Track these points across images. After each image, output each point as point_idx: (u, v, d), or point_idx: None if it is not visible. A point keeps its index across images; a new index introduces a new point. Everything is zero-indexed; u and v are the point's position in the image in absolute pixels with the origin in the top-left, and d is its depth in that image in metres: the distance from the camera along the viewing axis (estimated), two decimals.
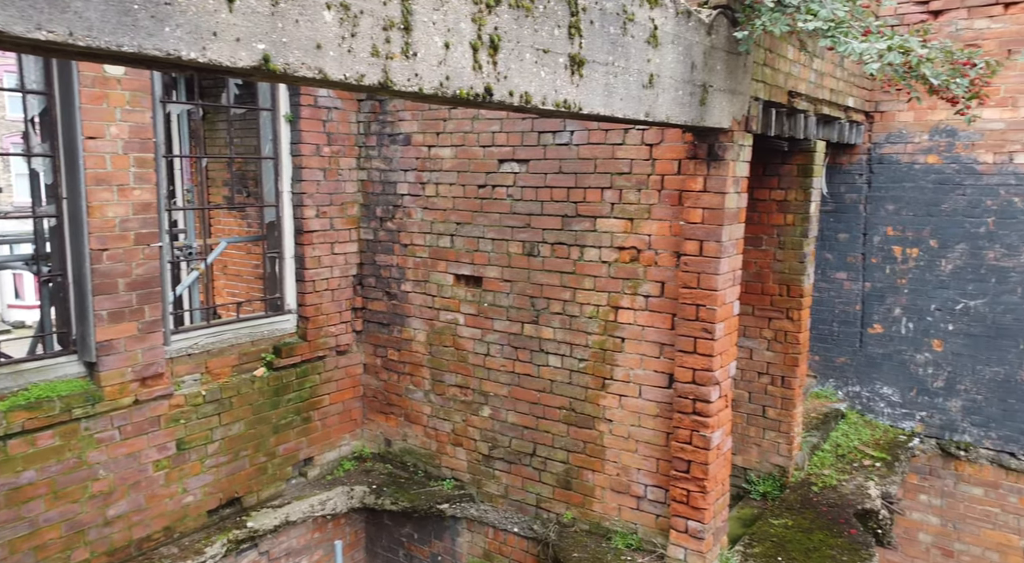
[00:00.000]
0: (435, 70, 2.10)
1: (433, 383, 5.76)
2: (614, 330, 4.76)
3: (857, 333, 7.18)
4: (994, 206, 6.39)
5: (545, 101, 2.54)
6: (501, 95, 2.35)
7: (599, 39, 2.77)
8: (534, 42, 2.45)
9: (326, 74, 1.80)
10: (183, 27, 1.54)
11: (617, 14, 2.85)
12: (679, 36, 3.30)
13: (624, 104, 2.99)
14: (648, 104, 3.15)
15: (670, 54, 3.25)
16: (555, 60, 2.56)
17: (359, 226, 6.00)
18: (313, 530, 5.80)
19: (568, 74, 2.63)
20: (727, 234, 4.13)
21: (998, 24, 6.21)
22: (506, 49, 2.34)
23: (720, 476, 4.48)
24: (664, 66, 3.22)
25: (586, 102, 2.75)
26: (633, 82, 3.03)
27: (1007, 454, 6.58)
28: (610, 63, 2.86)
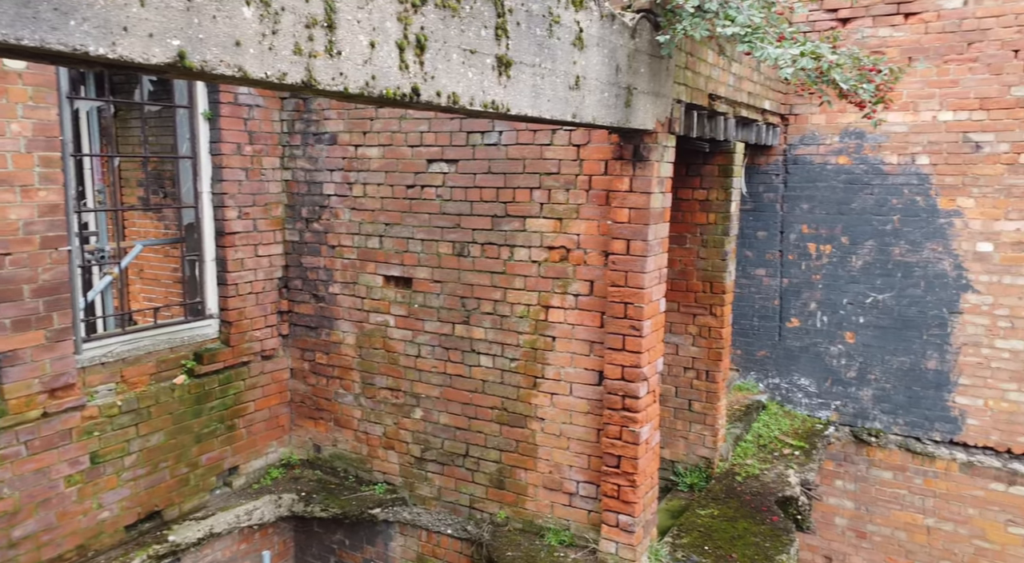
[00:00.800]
0: (360, 69, 2.07)
1: (363, 386, 5.67)
2: (545, 329, 4.80)
3: (776, 327, 7.47)
4: (899, 204, 6.76)
5: (473, 102, 2.54)
6: (429, 95, 2.33)
7: (526, 41, 2.78)
8: (461, 43, 2.44)
9: (246, 72, 1.75)
10: (90, 21, 1.46)
11: (543, 16, 2.87)
12: (604, 39, 3.36)
13: (552, 105, 3.02)
14: (575, 105, 3.19)
15: (595, 56, 3.29)
16: (482, 61, 2.56)
17: (284, 227, 5.84)
18: (239, 541, 5.62)
19: (496, 75, 2.64)
20: (653, 233, 4.22)
21: (900, 33, 6.57)
22: (433, 49, 2.32)
23: (649, 470, 4.58)
24: (590, 68, 3.27)
25: (514, 103, 2.76)
26: (560, 84, 3.06)
27: (913, 439, 6.98)
28: (537, 65, 2.88)
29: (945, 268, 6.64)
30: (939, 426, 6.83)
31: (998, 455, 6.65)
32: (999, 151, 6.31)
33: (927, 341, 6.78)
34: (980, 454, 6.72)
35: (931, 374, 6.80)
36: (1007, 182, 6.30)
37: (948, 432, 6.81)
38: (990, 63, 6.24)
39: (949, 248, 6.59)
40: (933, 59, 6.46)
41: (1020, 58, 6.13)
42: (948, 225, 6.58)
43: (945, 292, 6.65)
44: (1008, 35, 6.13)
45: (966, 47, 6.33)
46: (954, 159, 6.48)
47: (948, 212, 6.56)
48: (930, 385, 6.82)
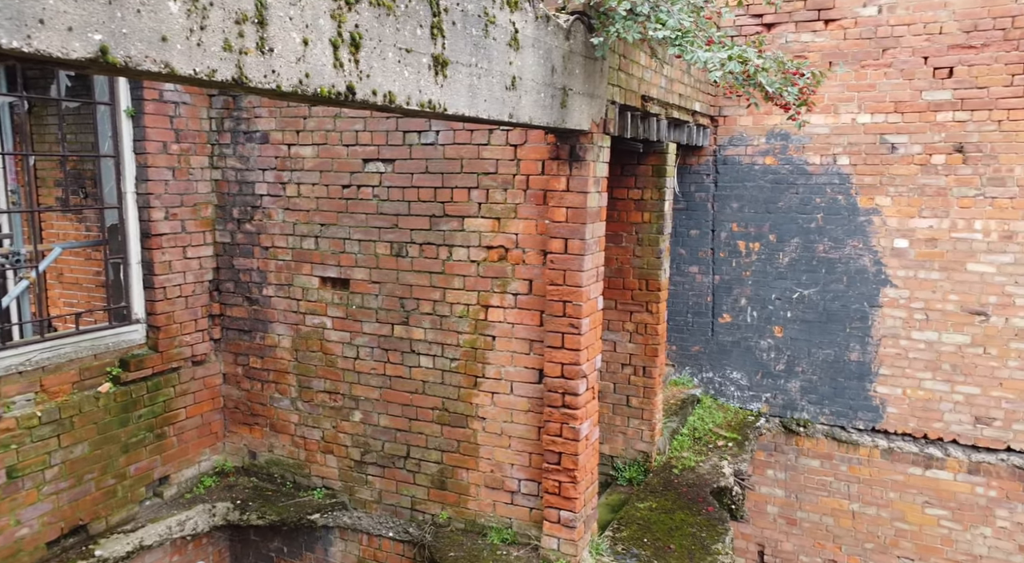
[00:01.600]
0: (294, 67, 2.03)
1: (300, 390, 5.56)
2: (484, 329, 4.81)
3: (709, 323, 7.68)
4: (822, 203, 7.04)
5: (410, 101, 2.52)
6: (364, 94, 2.31)
7: (462, 40, 2.79)
8: (396, 41, 2.42)
9: (173, 69, 1.69)
10: (3, 12, 1.40)
11: (479, 16, 2.88)
12: (539, 40, 3.39)
13: (488, 105, 3.03)
14: (512, 106, 3.21)
15: (531, 57, 3.32)
16: (419, 60, 2.55)
17: (214, 228, 5.68)
18: (172, 553, 5.43)
19: (432, 74, 2.63)
20: (590, 232, 4.28)
21: (821, 38, 6.85)
22: (368, 47, 2.30)
23: (589, 465, 4.64)
24: (526, 69, 3.29)
25: (451, 103, 2.76)
26: (497, 84, 3.07)
27: (838, 428, 7.28)
28: (473, 65, 2.88)
29: (865, 264, 6.95)
30: (862, 415, 7.15)
31: (915, 441, 7.01)
32: (912, 152, 6.65)
33: (850, 334, 7.09)
34: (899, 440, 7.07)
35: (854, 365, 7.12)
36: (920, 182, 6.65)
37: (870, 420, 7.13)
38: (903, 68, 6.57)
39: (869, 245, 6.91)
40: (852, 64, 6.76)
41: (930, 64, 6.48)
42: (868, 223, 6.89)
43: (866, 287, 6.97)
44: (918, 43, 6.47)
45: (881, 53, 6.64)
46: (872, 160, 6.80)
47: (867, 210, 6.88)
48: (853, 376, 7.13)
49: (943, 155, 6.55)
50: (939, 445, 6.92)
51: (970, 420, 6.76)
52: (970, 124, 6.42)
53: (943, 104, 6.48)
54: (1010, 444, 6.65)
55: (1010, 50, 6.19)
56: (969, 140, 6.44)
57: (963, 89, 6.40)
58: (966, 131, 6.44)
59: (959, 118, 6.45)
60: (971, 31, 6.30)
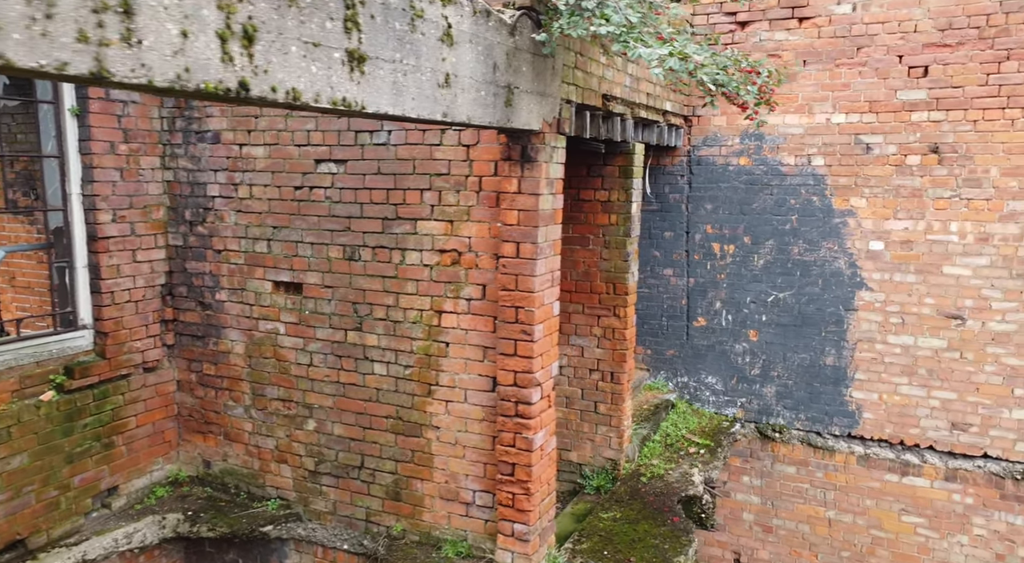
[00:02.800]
0: (170, 61, 1.87)
1: (254, 398, 5.40)
2: (438, 335, 4.65)
3: (684, 326, 7.54)
4: (797, 205, 6.91)
5: (319, 98, 2.37)
6: (261, 90, 2.15)
7: (383, 35, 2.63)
8: (301, 35, 2.27)
9: (10, 61, 1.53)
10: None
11: (404, 10, 2.72)
12: (478, 36, 3.23)
13: (417, 104, 2.87)
14: (446, 104, 3.05)
15: (468, 54, 3.17)
16: (329, 55, 2.39)
17: (167, 231, 5.51)
18: None
19: (347, 71, 2.47)
20: (542, 235, 4.13)
21: (794, 37, 6.71)
22: (265, 41, 2.14)
23: (545, 477, 4.49)
24: (462, 66, 3.14)
25: (370, 100, 2.60)
26: (427, 81, 2.91)
27: (814, 434, 7.15)
28: (398, 61, 2.73)
29: (841, 266, 6.82)
30: (838, 421, 7.02)
31: (892, 447, 6.88)
32: (888, 153, 6.51)
33: (825, 338, 6.96)
34: (876, 447, 6.93)
35: (829, 370, 6.98)
36: (895, 183, 6.52)
37: (846, 426, 7.00)
38: (877, 67, 6.44)
39: (844, 247, 6.78)
40: (826, 63, 6.62)
41: (904, 63, 6.34)
42: (843, 224, 6.76)
43: (841, 290, 6.83)
44: (893, 41, 6.34)
45: (856, 52, 6.51)
46: (847, 160, 6.66)
47: (842, 212, 6.74)
48: (828, 381, 7.00)
49: (918, 156, 6.42)
50: (915, 451, 6.79)
51: (946, 426, 6.64)
52: (945, 124, 6.29)
53: (918, 104, 6.35)
54: (987, 450, 6.52)
55: (985, 49, 6.07)
56: (944, 140, 6.32)
57: (938, 88, 6.27)
58: (941, 131, 6.31)
59: (934, 118, 6.32)
60: (946, 29, 6.17)
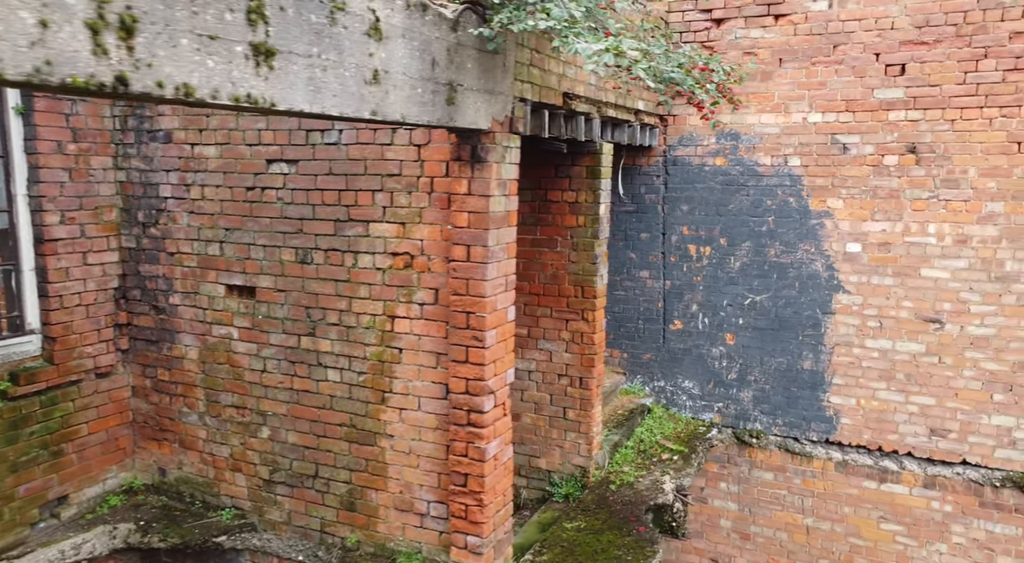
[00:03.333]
0: (26, 53, 1.72)
1: (208, 404, 5.25)
2: (391, 340, 4.51)
3: (660, 330, 7.39)
4: (773, 206, 6.76)
5: (217, 94, 2.22)
6: (145, 86, 2.01)
7: (296, 28, 2.48)
8: (194, 27, 2.12)
9: None
10: None
11: (321, 2, 2.58)
12: (412, 31, 3.09)
13: (340, 101, 2.73)
14: (375, 102, 2.91)
15: (401, 49, 3.02)
16: (229, 49, 2.25)
17: (120, 233, 5.36)
18: None
19: (252, 66, 2.33)
20: (494, 238, 3.99)
21: (771, 34, 6.57)
22: (149, 32, 1.99)
23: (500, 487, 4.35)
24: (394, 62, 2.99)
25: (282, 97, 2.46)
26: (351, 77, 2.77)
27: (792, 439, 7.01)
28: (316, 55, 2.58)
29: (818, 269, 6.68)
30: (815, 426, 6.88)
31: (870, 453, 6.74)
32: (865, 153, 6.37)
33: (802, 342, 6.82)
34: (854, 453, 6.79)
35: (807, 374, 6.84)
36: (872, 183, 6.38)
37: (824, 432, 6.86)
38: (854, 66, 6.30)
39: (821, 249, 6.64)
40: (802, 61, 6.48)
41: (881, 61, 6.20)
42: (819, 226, 6.62)
43: (818, 293, 6.69)
44: (869, 39, 6.19)
45: (832, 50, 6.37)
46: (823, 160, 6.52)
47: (819, 213, 6.60)
48: (806, 385, 6.86)
49: (896, 156, 6.28)
50: (894, 458, 6.65)
51: (925, 432, 6.50)
52: (923, 123, 6.15)
53: (895, 103, 6.21)
54: (965, 457, 6.38)
55: (962, 46, 5.92)
56: (922, 140, 6.17)
57: (915, 87, 6.13)
58: (919, 131, 6.17)
59: (912, 117, 6.18)
60: (923, 27, 6.03)
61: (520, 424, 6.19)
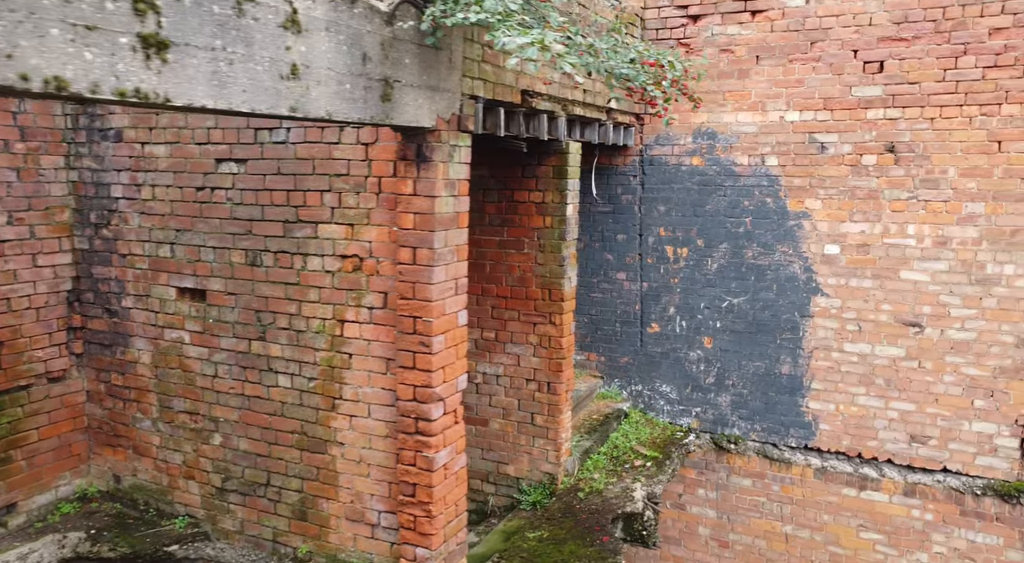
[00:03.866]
0: None
1: (161, 410, 5.12)
2: (341, 345, 4.37)
3: (638, 333, 7.24)
4: (751, 206, 6.61)
5: (98, 89, 2.08)
6: (5, 78, 1.87)
7: (194, 19, 2.34)
8: (66, 16, 1.98)
9: None
10: None
11: None
12: (339, 24, 2.94)
13: (251, 96, 2.59)
14: (294, 97, 2.77)
15: (324, 43, 2.88)
16: (112, 40, 2.11)
17: (72, 234, 5.23)
18: None
19: (141, 58, 2.19)
20: (440, 240, 3.84)
21: (748, 31, 6.41)
22: (8, 21, 1.86)
23: (451, 498, 4.20)
24: (316, 56, 2.85)
25: (179, 92, 2.32)
26: (264, 72, 2.63)
27: (770, 445, 6.85)
28: (220, 48, 2.44)
29: (796, 271, 6.52)
30: (794, 432, 6.72)
31: (850, 460, 6.58)
32: (843, 152, 6.21)
33: (780, 345, 6.66)
34: (833, 459, 6.63)
35: (785, 379, 6.68)
36: (851, 183, 6.22)
37: (803, 438, 6.70)
38: (832, 63, 6.14)
39: (799, 250, 6.48)
40: (779, 58, 6.32)
41: (859, 58, 6.04)
42: (797, 227, 6.46)
43: (796, 295, 6.54)
44: (847, 35, 6.04)
45: (809, 46, 6.21)
46: (801, 160, 6.36)
47: (797, 214, 6.45)
48: (784, 390, 6.70)
49: (874, 155, 6.12)
50: (874, 465, 6.49)
51: (905, 438, 6.33)
52: (901, 122, 5.99)
53: (873, 100, 6.05)
54: (946, 464, 6.22)
55: (941, 43, 5.76)
56: (901, 139, 6.01)
57: (894, 84, 5.96)
58: (897, 129, 6.01)
59: (890, 116, 6.02)
60: (901, 23, 5.87)
61: (488, 430, 6.05)
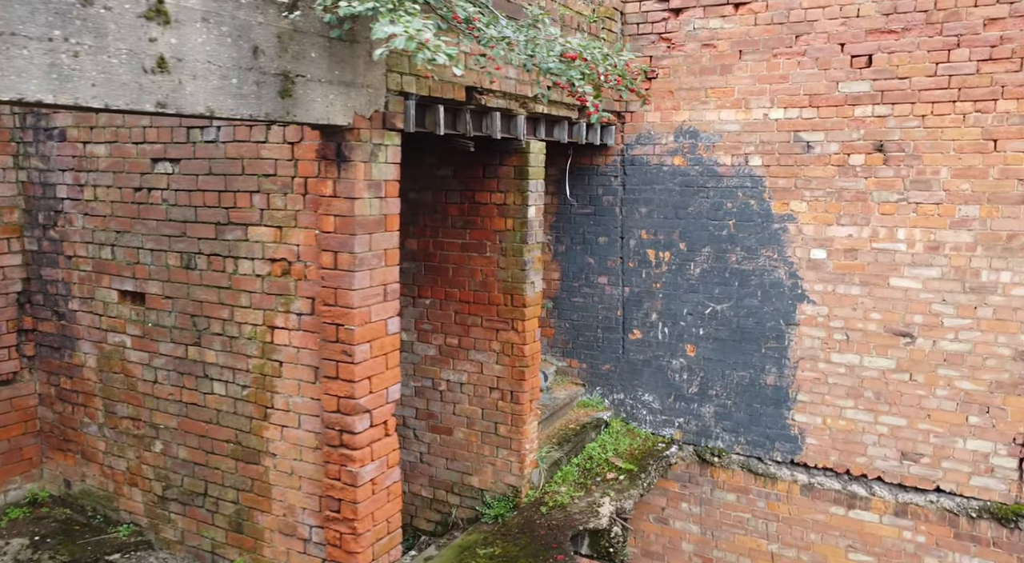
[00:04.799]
0: None
1: (106, 415, 5.02)
2: (272, 352, 4.20)
3: (619, 339, 6.97)
4: (734, 208, 6.30)
5: None
6: None
7: (22, 8, 2.18)
8: None
9: None
10: None
11: None
12: (220, 14, 2.76)
13: (105, 90, 2.42)
14: (162, 92, 2.59)
15: (201, 35, 2.70)
16: None
17: (23, 235, 5.16)
18: None
19: None
20: (362, 244, 3.65)
21: (730, 24, 6.11)
22: None
23: (381, 515, 4.00)
24: (192, 49, 2.67)
25: (5, 86, 2.16)
26: (122, 65, 2.46)
27: (755, 459, 6.52)
28: (61, 39, 2.28)
29: (780, 276, 6.19)
30: (780, 446, 6.39)
31: (838, 477, 6.23)
32: (829, 151, 5.87)
33: (765, 355, 6.34)
34: (820, 476, 6.29)
35: (770, 390, 6.36)
36: (838, 185, 5.87)
37: (789, 452, 6.36)
38: (818, 57, 5.80)
39: (784, 255, 6.15)
40: (763, 53, 6.01)
41: (847, 52, 5.70)
42: (782, 230, 6.13)
43: (781, 302, 6.21)
44: (834, 28, 5.70)
45: (794, 40, 5.88)
46: (786, 160, 6.04)
47: (782, 217, 6.12)
48: (769, 402, 6.38)
49: (862, 155, 5.77)
50: (863, 482, 6.13)
51: (896, 455, 5.97)
52: (891, 119, 5.63)
53: (861, 97, 5.70)
54: (939, 484, 5.84)
55: (933, 35, 5.40)
56: (890, 138, 5.65)
57: (883, 79, 5.61)
58: (887, 127, 5.65)
59: (879, 113, 5.67)
60: (891, 14, 5.52)
61: (452, 439, 5.85)
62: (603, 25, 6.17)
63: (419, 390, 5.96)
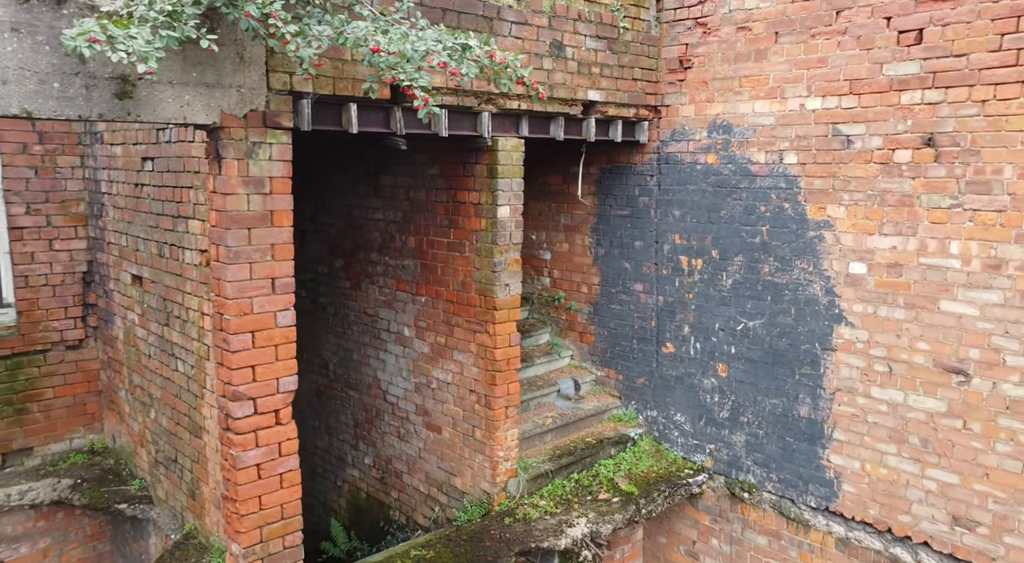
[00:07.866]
0: None
1: (129, 383, 5.76)
2: (204, 336, 4.56)
3: (653, 352, 6.46)
4: (767, 212, 5.54)
5: None
6: None
7: None
8: None
9: None
10: None
11: None
12: (34, 25, 3.09)
13: None
14: None
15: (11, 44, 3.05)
16: None
17: (87, 224, 6.10)
18: (36, 519, 5.96)
19: None
20: (236, 238, 3.82)
21: (766, 4, 5.38)
22: None
23: (271, 500, 4.14)
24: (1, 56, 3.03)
25: None
26: None
27: (787, 500, 5.69)
28: None
29: (816, 292, 5.33)
30: (814, 489, 5.51)
31: (879, 535, 5.22)
32: (871, 147, 4.93)
33: (799, 382, 5.49)
34: (859, 530, 5.31)
35: (804, 423, 5.50)
36: (880, 186, 4.91)
37: (823, 497, 5.46)
38: (860, 35, 4.90)
39: (820, 268, 5.28)
40: (800, 34, 5.21)
41: (893, 27, 4.75)
42: (818, 239, 5.27)
43: (817, 322, 5.34)
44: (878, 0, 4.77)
45: (835, 17, 5.02)
46: (823, 157, 5.18)
47: (818, 223, 5.26)
48: (803, 436, 5.52)
49: (909, 150, 4.77)
50: (907, 545, 5.08)
51: (946, 519, 4.86)
52: (944, 107, 4.59)
53: (909, 80, 4.71)
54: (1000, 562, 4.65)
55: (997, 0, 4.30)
56: (942, 129, 4.61)
57: (935, 58, 4.59)
58: (938, 117, 4.62)
59: (929, 99, 4.64)
60: None
61: (441, 438, 5.86)
62: (627, 12, 5.75)
63: (417, 386, 6.05)
